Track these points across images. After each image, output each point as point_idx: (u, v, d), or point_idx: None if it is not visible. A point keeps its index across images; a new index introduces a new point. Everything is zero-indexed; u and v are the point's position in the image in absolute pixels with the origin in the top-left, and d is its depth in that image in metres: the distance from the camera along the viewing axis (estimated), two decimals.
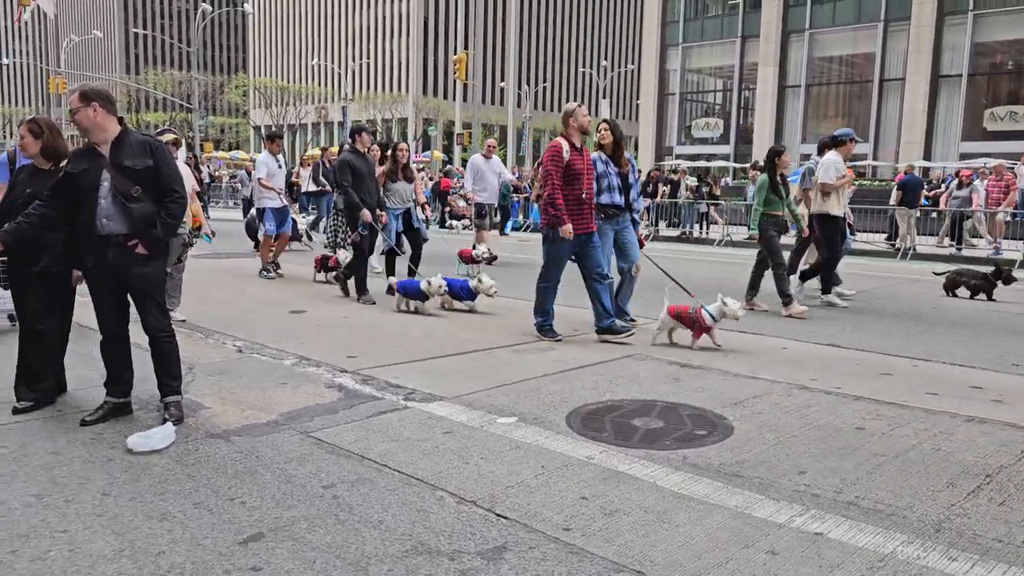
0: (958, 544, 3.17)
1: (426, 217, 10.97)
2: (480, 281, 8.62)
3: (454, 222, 23.69)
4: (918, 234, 17.89)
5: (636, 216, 7.88)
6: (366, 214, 9.01)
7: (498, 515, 3.42)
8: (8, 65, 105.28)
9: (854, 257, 17.84)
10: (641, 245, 7.85)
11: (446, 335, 7.38)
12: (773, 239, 9.11)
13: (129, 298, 4.69)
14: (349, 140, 9.51)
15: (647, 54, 45.07)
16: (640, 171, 17.51)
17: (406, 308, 8.66)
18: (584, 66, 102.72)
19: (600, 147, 7.62)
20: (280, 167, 11.67)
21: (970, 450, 4.29)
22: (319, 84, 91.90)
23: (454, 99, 62.87)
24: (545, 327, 7.26)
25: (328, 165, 17.35)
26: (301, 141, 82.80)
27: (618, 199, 7.54)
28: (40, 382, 4.90)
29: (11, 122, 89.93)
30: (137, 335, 4.78)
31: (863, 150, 36.38)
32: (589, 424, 4.69)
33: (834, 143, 9.45)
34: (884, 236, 18.84)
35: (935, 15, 33.90)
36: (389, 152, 10.50)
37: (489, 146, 14.07)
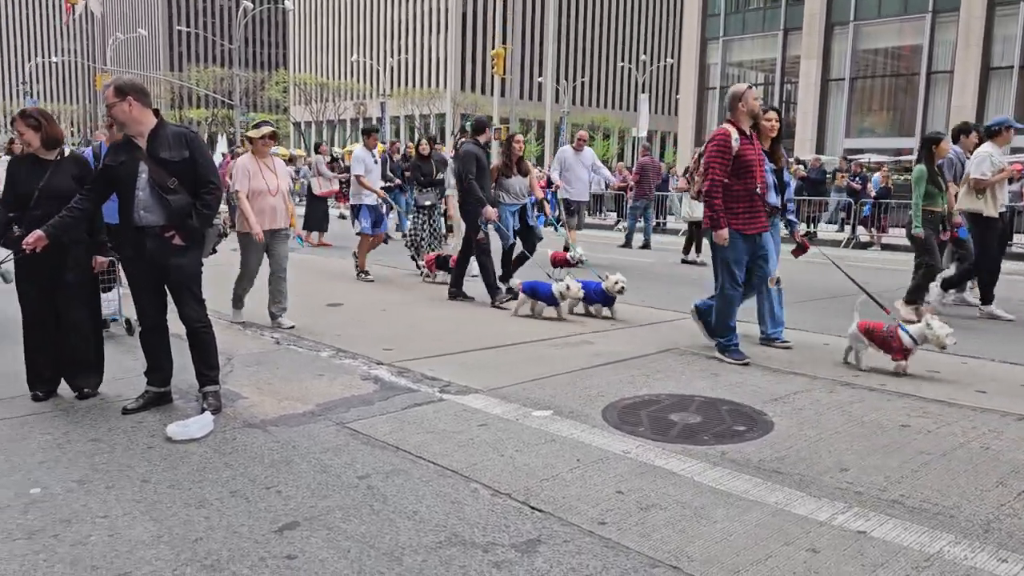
0: (1008, 545, 3.07)
1: (546, 215, 10.42)
2: (605, 277, 7.83)
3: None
4: None
5: (793, 217, 6.90)
6: (490, 211, 8.52)
7: (533, 508, 3.40)
8: (57, 63, 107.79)
9: (895, 253, 17.49)
10: (804, 249, 6.65)
11: (481, 328, 7.36)
12: (931, 239, 8.04)
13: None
14: (469, 132, 9.01)
15: (687, 48, 44.58)
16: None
17: (529, 312, 7.92)
18: (623, 60, 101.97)
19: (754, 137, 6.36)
20: (376, 163, 10.92)
21: (1021, 449, 4.15)
22: (358, 80, 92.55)
23: (492, 94, 62.93)
24: (730, 347, 6.13)
25: (394, 160, 16.86)
26: (340, 137, 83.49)
27: (774, 198, 6.52)
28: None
29: (60, 118, 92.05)
30: (176, 325, 4.83)
31: (908, 144, 35.64)
32: (626, 418, 4.63)
33: (988, 133, 8.40)
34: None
35: (985, 6, 33.00)
36: (503, 146, 9.69)
37: (580, 139, 12.94)
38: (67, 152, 5.02)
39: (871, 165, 24.81)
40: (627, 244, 16.25)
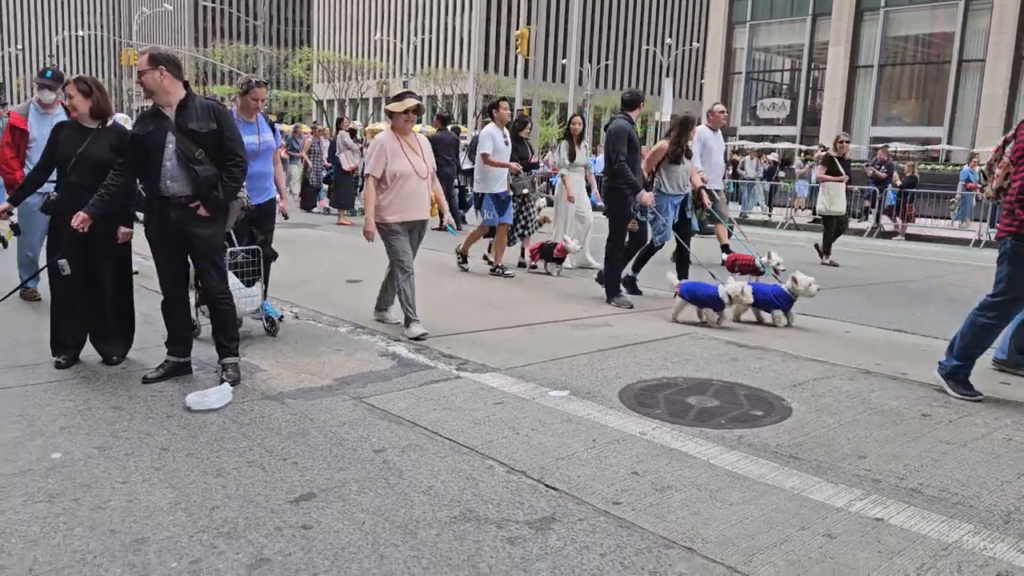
0: None
1: (706, 209, 8.86)
2: (795, 281, 6.89)
3: None
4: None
5: None
6: (647, 195, 7.44)
7: (547, 486, 3.40)
8: (84, 37, 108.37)
9: (919, 244, 17.30)
10: None
11: (500, 308, 7.35)
12: None
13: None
14: (625, 107, 7.78)
15: (713, 32, 44.07)
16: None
17: (673, 319, 6.94)
18: (648, 44, 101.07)
19: None
20: (507, 144, 9.33)
21: None
22: (381, 59, 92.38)
23: (515, 75, 62.55)
24: (960, 375, 4.94)
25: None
26: (363, 115, 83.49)
27: None
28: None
29: None
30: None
31: (937, 134, 35.10)
32: (643, 400, 4.62)
33: None
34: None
35: None
36: (677, 127, 8.29)
37: (718, 113, 10.50)
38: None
39: (897, 155, 24.51)
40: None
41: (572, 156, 10.24)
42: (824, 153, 11.07)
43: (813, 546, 2.92)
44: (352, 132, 15.83)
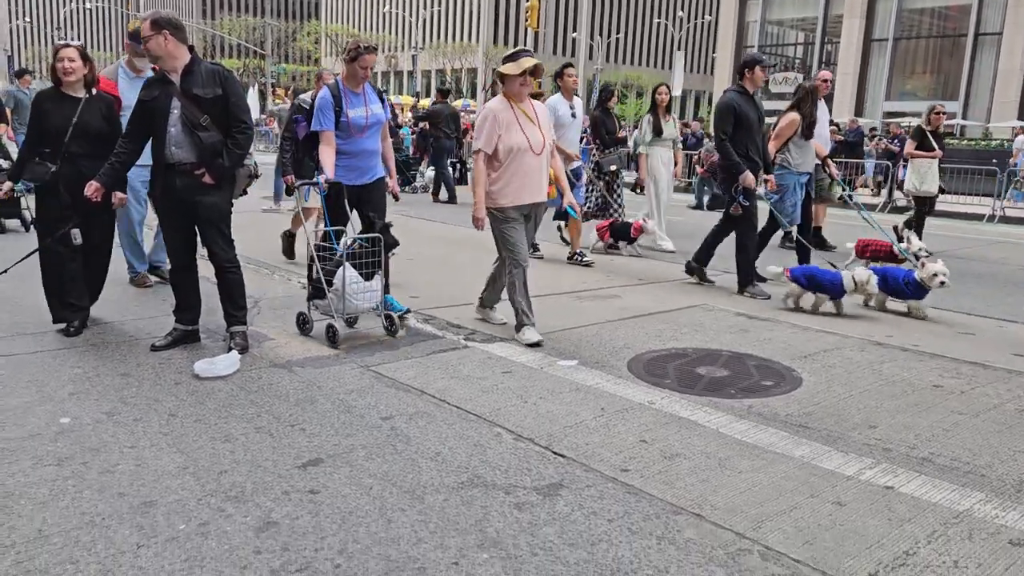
0: None
1: (833, 178, 7.97)
2: (923, 266, 6.27)
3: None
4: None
5: None
6: (749, 177, 6.62)
7: (555, 453, 3.38)
8: (91, 9, 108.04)
9: (941, 219, 17.14)
10: None
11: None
12: None
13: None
14: (738, 76, 7.00)
15: (725, 5, 43.48)
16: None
17: (794, 306, 6.34)
18: (659, 17, 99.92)
19: None
20: (574, 116, 8.12)
21: None
22: (390, 32, 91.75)
23: None
24: None
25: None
26: None
27: None
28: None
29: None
30: (204, 267, 4.84)
31: (952, 108, 34.64)
32: (652, 370, 4.59)
33: None
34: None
35: None
36: (806, 96, 7.43)
37: (823, 82, 8.67)
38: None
39: (910, 129, 24.13)
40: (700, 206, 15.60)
41: (658, 130, 9.36)
42: (915, 126, 9.69)
43: (823, 513, 2.90)
44: None
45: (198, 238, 4.79)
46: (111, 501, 2.85)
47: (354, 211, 5.38)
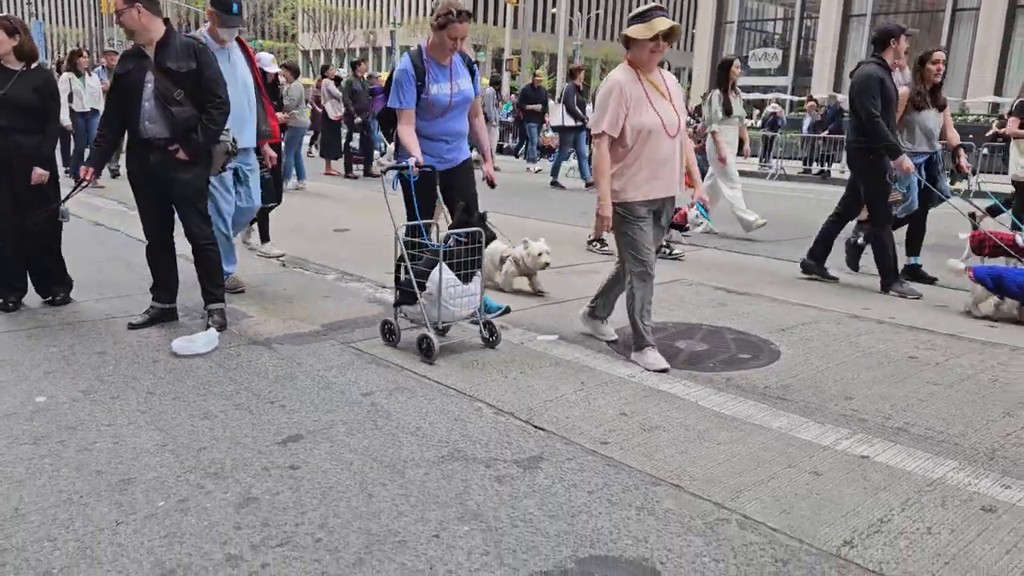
0: (1012, 472, 3.05)
1: (963, 169, 7.00)
2: None
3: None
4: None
5: None
6: (907, 162, 5.99)
7: (536, 427, 3.40)
8: None
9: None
10: None
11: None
12: None
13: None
14: (876, 48, 6.26)
15: None
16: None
17: (983, 314, 5.48)
18: None
19: None
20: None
21: None
22: (367, 8, 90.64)
23: (504, 25, 61.57)
24: None
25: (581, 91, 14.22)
26: (349, 66, 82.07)
27: None
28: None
29: (65, 43, 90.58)
30: (182, 244, 4.79)
31: None
32: (631, 344, 4.61)
33: None
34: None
35: None
36: (916, 64, 6.67)
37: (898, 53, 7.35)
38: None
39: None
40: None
41: (728, 109, 8.74)
42: (1017, 101, 8.71)
43: (799, 483, 2.93)
44: (337, 80, 15.49)
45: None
46: (89, 479, 2.83)
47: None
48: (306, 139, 17.71)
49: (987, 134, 14.43)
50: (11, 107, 4.74)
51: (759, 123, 23.13)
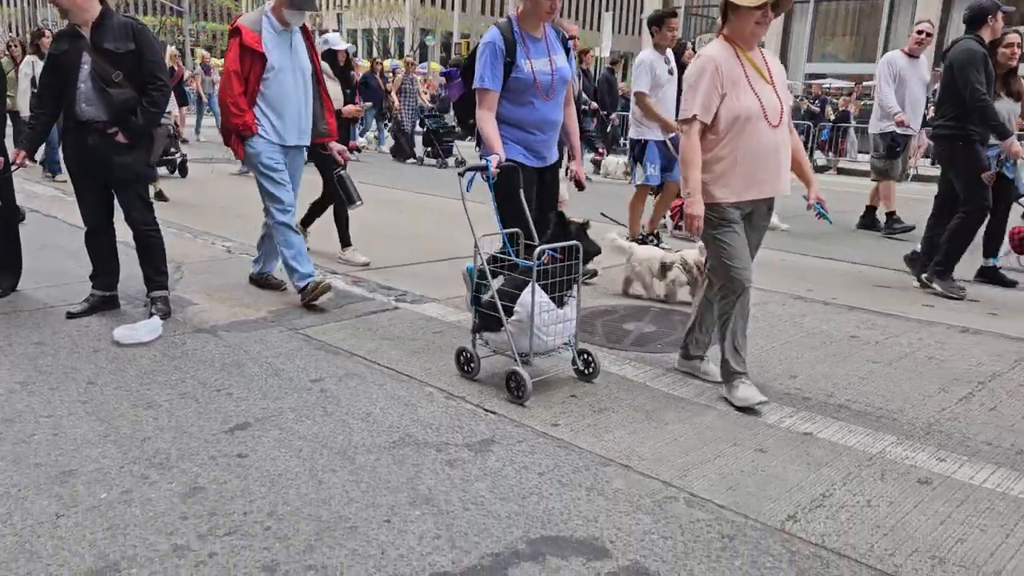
0: (947, 446, 3.17)
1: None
2: None
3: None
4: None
5: None
6: (1016, 144, 5.58)
7: (487, 411, 3.40)
8: None
9: (850, 177, 17.65)
10: None
11: (436, 241, 7.27)
12: None
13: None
14: (970, 27, 5.79)
15: None
16: None
17: None
18: None
19: None
20: (671, 73, 6.59)
21: (964, 359, 4.27)
22: None
23: (453, 8, 61.05)
24: None
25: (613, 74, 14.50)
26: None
27: None
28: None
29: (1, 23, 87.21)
30: (124, 231, 4.67)
31: (869, 71, 35.56)
32: (581, 327, 4.63)
33: None
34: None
35: None
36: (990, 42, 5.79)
37: (922, 34, 8.16)
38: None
39: (831, 91, 24.68)
40: None
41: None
42: None
43: (745, 460, 2.99)
44: None
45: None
46: (27, 472, 2.75)
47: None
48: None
49: None
50: None
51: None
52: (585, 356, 3.78)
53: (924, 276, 5.91)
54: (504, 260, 3.76)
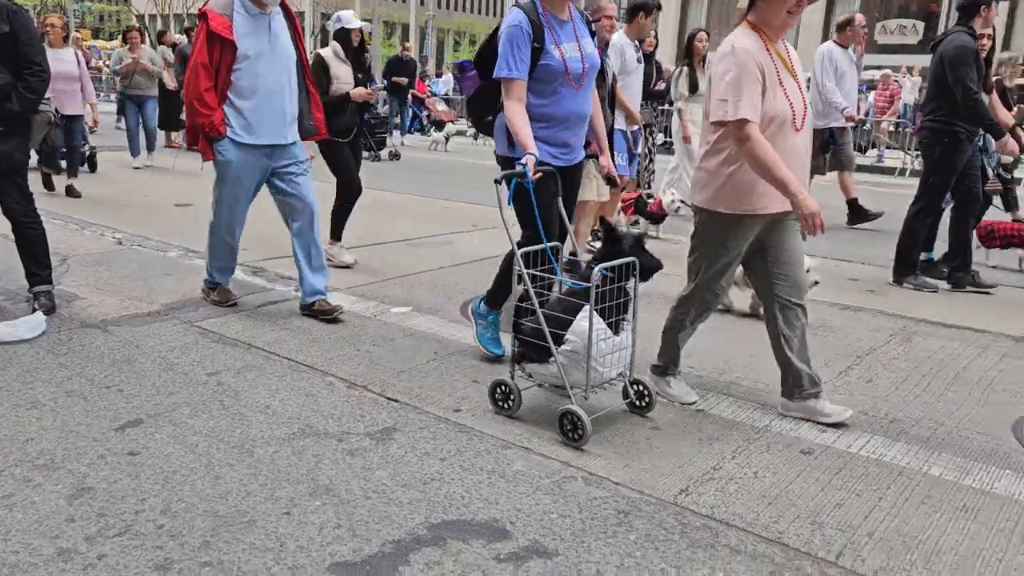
0: None
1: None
2: None
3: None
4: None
5: None
6: (1011, 143, 5.55)
7: (389, 399, 3.40)
8: None
9: None
10: None
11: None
12: None
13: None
14: (963, 15, 5.50)
15: None
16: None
17: None
18: None
19: None
20: (640, 61, 6.50)
21: (844, 334, 4.51)
22: None
23: None
24: None
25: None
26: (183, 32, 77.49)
27: None
28: None
29: None
30: (3, 224, 4.43)
31: None
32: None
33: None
34: None
35: None
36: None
37: (858, 28, 8.12)
38: None
39: None
40: None
41: (694, 86, 7.92)
42: None
43: (640, 437, 3.10)
44: (174, 47, 14.57)
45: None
46: None
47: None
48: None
49: None
50: None
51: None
52: (638, 387, 3.37)
53: (891, 281, 5.89)
54: (546, 279, 3.30)
